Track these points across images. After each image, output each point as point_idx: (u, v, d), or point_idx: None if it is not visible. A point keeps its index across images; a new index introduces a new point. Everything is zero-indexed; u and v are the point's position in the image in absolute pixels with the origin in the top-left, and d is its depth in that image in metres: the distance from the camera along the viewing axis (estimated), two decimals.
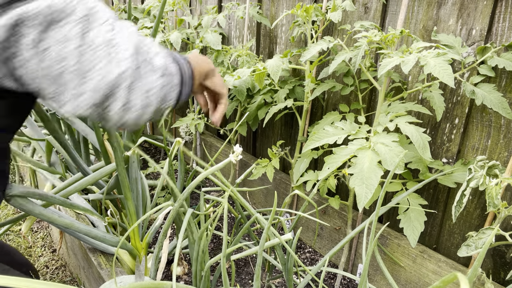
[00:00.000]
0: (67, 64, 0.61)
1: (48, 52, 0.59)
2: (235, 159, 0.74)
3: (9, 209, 1.99)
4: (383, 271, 0.86)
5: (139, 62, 0.67)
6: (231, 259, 0.90)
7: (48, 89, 0.62)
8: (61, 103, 0.63)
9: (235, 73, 1.28)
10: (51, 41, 0.59)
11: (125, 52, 0.64)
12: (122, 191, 1.09)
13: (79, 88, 0.62)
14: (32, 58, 0.59)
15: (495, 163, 0.88)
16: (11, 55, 0.59)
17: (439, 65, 0.82)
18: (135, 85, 0.67)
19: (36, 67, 0.60)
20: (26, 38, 0.58)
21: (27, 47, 0.58)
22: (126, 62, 0.64)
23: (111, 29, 0.64)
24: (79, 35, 0.60)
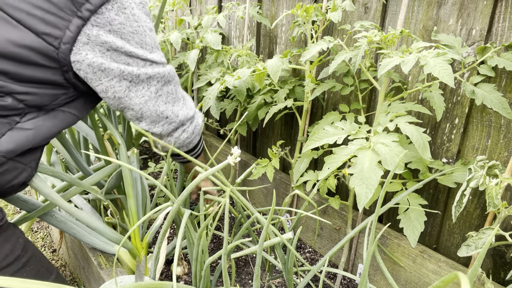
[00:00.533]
0: (168, 105, 1.04)
1: (160, 97, 1.01)
2: (234, 161, 0.74)
3: (9, 209, 1.99)
4: (383, 271, 0.86)
5: (196, 109, 1.16)
6: (231, 257, 0.89)
7: (150, 118, 1.02)
8: (154, 127, 1.04)
9: (235, 73, 1.28)
10: (164, 92, 1.01)
11: (191, 103, 1.13)
12: (125, 189, 1.10)
13: (173, 119, 1.06)
14: (153, 98, 1.00)
15: (495, 163, 0.88)
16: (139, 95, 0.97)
17: (439, 65, 0.82)
18: (193, 121, 1.13)
19: (153, 103, 1.00)
20: (153, 87, 0.99)
21: (152, 91, 0.99)
22: (193, 109, 1.12)
23: (181, 89, 1.10)
24: (174, 91, 1.05)
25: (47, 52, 0.81)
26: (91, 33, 0.83)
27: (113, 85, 0.92)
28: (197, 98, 1.86)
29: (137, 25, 0.90)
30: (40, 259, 0.97)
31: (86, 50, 0.84)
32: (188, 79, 1.81)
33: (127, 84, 0.93)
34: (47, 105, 0.89)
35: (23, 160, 0.89)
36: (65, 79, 0.87)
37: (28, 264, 0.91)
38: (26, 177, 0.90)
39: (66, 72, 0.86)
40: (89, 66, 0.86)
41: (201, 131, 1.20)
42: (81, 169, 1.26)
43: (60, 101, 0.91)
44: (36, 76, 0.83)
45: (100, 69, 0.88)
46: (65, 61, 0.84)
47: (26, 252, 0.92)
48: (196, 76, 1.78)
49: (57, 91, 0.88)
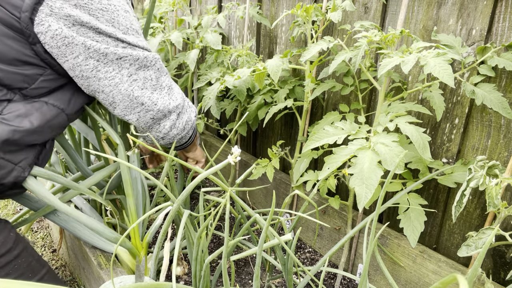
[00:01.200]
0: (145, 92, 1.00)
1: (135, 82, 0.97)
2: (234, 161, 0.74)
3: (8, 209, 2.00)
4: (383, 271, 0.86)
5: (185, 102, 1.12)
6: (231, 259, 0.89)
7: (123, 104, 0.99)
8: (128, 114, 1.01)
9: (235, 73, 1.28)
10: (139, 76, 0.98)
11: (178, 94, 1.08)
12: (124, 189, 1.10)
13: (149, 107, 1.01)
14: (125, 82, 0.96)
15: (495, 163, 0.88)
16: (108, 77, 0.94)
17: (439, 65, 0.82)
18: (181, 115, 1.10)
19: (125, 87, 0.97)
20: (125, 70, 0.95)
21: (124, 74, 0.95)
22: (178, 100, 1.08)
23: (169, 80, 1.07)
24: (155, 78, 1.01)
25: (11, 22, 0.82)
26: (54, 4, 0.83)
27: (79, 63, 0.89)
28: (197, 98, 1.86)
29: (107, 2, 0.89)
30: (32, 253, 0.98)
31: (50, 22, 0.84)
32: (188, 79, 1.81)
33: (94, 63, 0.91)
34: (25, 88, 0.88)
35: (12, 158, 0.88)
36: (36, 54, 0.86)
37: (20, 257, 0.93)
38: (15, 177, 0.89)
39: (33, 44, 0.85)
40: (52, 39, 0.85)
41: (194, 125, 1.18)
42: (80, 169, 1.26)
43: (39, 84, 0.90)
44: (6, 48, 0.83)
45: (64, 43, 0.86)
46: (29, 31, 0.84)
47: (17, 245, 0.93)
48: (196, 76, 1.78)
49: (32, 71, 0.88)
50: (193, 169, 0.88)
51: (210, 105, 1.42)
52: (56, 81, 0.93)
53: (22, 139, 0.88)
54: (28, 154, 0.92)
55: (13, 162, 0.88)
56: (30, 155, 0.92)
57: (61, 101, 0.95)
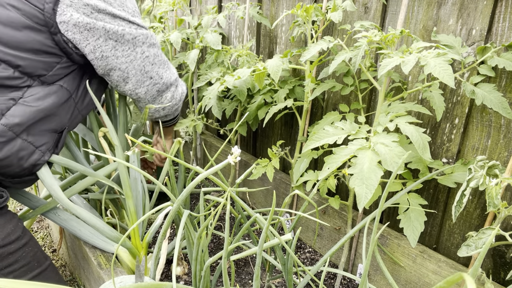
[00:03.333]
0: (154, 67, 1.13)
1: (147, 58, 1.11)
2: (234, 161, 0.74)
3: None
4: (383, 271, 0.86)
5: (177, 76, 1.24)
6: (231, 259, 0.89)
7: (135, 78, 1.11)
8: (139, 87, 1.14)
9: (235, 73, 1.28)
10: (150, 53, 1.11)
11: (173, 69, 1.23)
12: (123, 189, 1.09)
13: (157, 80, 1.15)
14: (139, 59, 1.09)
15: (495, 163, 0.88)
16: (124, 55, 1.05)
17: (439, 66, 0.82)
18: (178, 87, 1.25)
19: (139, 63, 1.09)
20: (139, 48, 1.07)
21: (138, 52, 1.08)
22: (175, 74, 1.23)
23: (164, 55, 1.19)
24: (160, 54, 1.15)
25: (34, 13, 0.90)
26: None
27: (100, 44, 1.00)
28: (197, 98, 1.86)
29: None
30: (37, 245, 1.03)
31: (71, 11, 0.93)
32: (188, 79, 1.81)
33: (113, 44, 1.02)
34: (44, 75, 0.96)
35: (34, 141, 0.97)
36: (55, 43, 0.95)
37: (27, 246, 0.98)
38: (36, 159, 0.97)
39: (54, 34, 0.94)
40: (75, 26, 0.95)
41: (183, 98, 1.33)
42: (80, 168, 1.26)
43: (56, 71, 0.98)
44: (28, 39, 0.91)
45: (86, 28, 0.96)
46: (52, 22, 0.92)
47: (25, 234, 0.99)
48: (196, 76, 1.78)
49: (50, 59, 0.96)
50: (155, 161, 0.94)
51: (211, 105, 1.42)
52: (69, 68, 1.02)
53: (43, 121, 0.97)
54: (49, 139, 1.01)
55: (34, 145, 0.97)
56: (50, 140, 1.01)
57: (71, 86, 1.04)
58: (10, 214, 0.97)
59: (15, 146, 0.92)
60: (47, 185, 0.99)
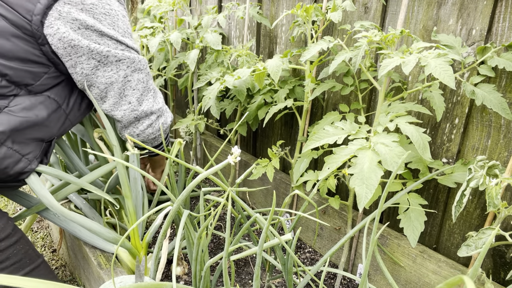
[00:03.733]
0: (135, 93, 1.09)
1: (129, 83, 1.07)
2: (234, 161, 0.74)
3: (8, 209, 1.99)
4: (383, 271, 0.86)
5: (164, 107, 1.21)
6: (231, 259, 0.89)
7: (113, 100, 1.07)
8: (115, 110, 1.09)
9: (235, 73, 1.28)
10: (133, 78, 1.07)
11: (160, 98, 1.19)
12: (122, 190, 1.09)
13: (135, 107, 1.11)
14: (120, 82, 1.05)
15: (495, 163, 0.88)
16: (106, 75, 1.02)
17: (440, 66, 0.82)
18: (160, 118, 1.20)
19: (119, 86, 1.06)
20: (122, 71, 1.04)
21: (121, 75, 1.04)
22: (160, 104, 1.18)
23: (154, 84, 1.16)
24: (145, 81, 1.11)
25: (22, 24, 0.89)
26: (62, 9, 0.91)
27: (82, 61, 0.98)
28: (197, 98, 1.86)
29: (109, 7, 0.99)
30: (28, 242, 1.03)
31: (58, 25, 0.92)
32: (188, 79, 1.81)
33: (95, 63, 0.99)
34: (32, 85, 0.95)
35: (20, 150, 0.95)
36: (43, 54, 0.94)
37: (18, 243, 0.98)
38: (22, 168, 0.96)
39: (42, 45, 0.93)
40: (60, 41, 0.93)
41: (168, 130, 1.28)
42: (77, 169, 1.27)
43: (44, 81, 0.97)
44: (17, 49, 0.90)
45: (70, 44, 0.94)
46: (39, 33, 0.91)
47: (16, 232, 0.99)
48: (196, 76, 1.78)
49: (38, 69, 0.95)
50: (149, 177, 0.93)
51: (210, 105, 1.42)
52: (58, 78, 1.01)
53: (29, 130, 0.95)
54: (35, 148, 0.99)
55: (20, 153, 0.95)
56: (37, 149, 0.99)
57: (59, 97, 1.02)
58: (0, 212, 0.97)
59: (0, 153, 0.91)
60: (38, 194, 0.99)
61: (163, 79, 1.94)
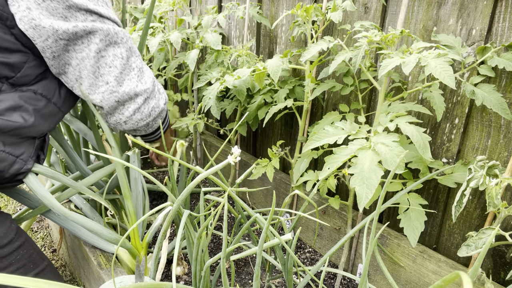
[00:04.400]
0: (113, 70, 0.94)
1: (103, 59, 0.92)
2: (234, 161, 0.74)
3: (9, 209, 1.99)
4: (383, 271, 0.86)
5: (154, 88, 1.04)
6: (231, 259, 0.89)
7: (88, 81, 0.93)
8: (93, 93, 0.95)
9: (235, 73, 1.28)
10: (108, 53, 0.92)
11: (148, 78, 1.02)
12: (122, 190, 1.09)
13: (114, 88, 0.95)
14: (92, 58, 0.90)
15: (495, 163, 0.88)
16: (77, 49, 0.89)
17: (440, 66, 0.82)
18: (149, 100, 1.03)
19: (91, 63, 0.91)
20: (94, 45, 0.89)
21: (92, 50, 0.89)
22: (147, 84, 1.01)
23: (141, 62, 1.01)
24: (125, 57, 0.95)
25: None
26: None
27: (49, 45, 0.86)
28: (197, 98, 1.86)
29: None
30: (32, 246, 1.00)
31: (19, 1, 0.81)
32: (188, 79, 1.81)
33: (65, 43, 0.87)
34: (12, 77, 0.86)
35: (13, 151, 0.90)
36: (16, 39, 0.84)
37: (22, 248, 0.95)
38: (17, 169, 0.91)
39: (12, 28, 0.83)
40: (21, 21, 0.82)
41: (163, 114, 1.11)
42: (79, 169, 1.26)
43: (25, 72, 0.88)
44: None
45: (31, 26, 0.82)
46: (6, 14, 0.81)
47: (19, 236, 0.95)
48: (196, 76, 1.78)
49: (16, 58, 0.86)
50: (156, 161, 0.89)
51: (210, 105, 1.42)
52: (40, 67, 0.91)
53: (18, 132, 0.88)
54: (29, 147, 0.93)
55: (14, 155, 0.90)
56: (30, 148, 0.94)
57: (48, 91, 0.94)
58: (2, 217, 0.93)
59: None
60: (38, 195, 0.96)
61: (163, 79, 1.94)
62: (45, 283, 0.49)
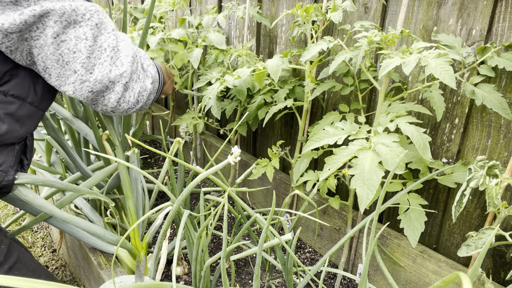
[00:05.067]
0: (78, 56, 0.78)
1: (64, 43, 0.77)
2: (234, 161, 0.74)
3: (9, 209, 1.99)
4: (383, 271, 0.86)
5: (136, 66, 0.87)
6: (231, 259, 0.90)
7: (55, 71, 0.79)
8: (63, 84, 0.81)
9: (235, 73, 1.28)
10: (69, 36, 0.76)
11: (125, 57, 0.84)
12: (123, 190, 1.09)
13: (84, 76, 0.80)
14: (50, 44, 0.76)
15: (495, 163, 0.88)
16: (34, 37, 0.75)
17: (440, 66, 0.82)
18: (131, 85, 0.87)
19: (52, 51, 0.77)
20: (50, 29, 0.74)
21: (48, 35, 0.75)
22: (125, 66, 0.84)
23: (115, 38, 0.82)
24: (91, 37, 0.78)
25: None
26: None
27: (1, 41, 0.73)
28: (197, 98, 1.86)
29: None
30: (26, 263, 0.91)
31: None
32: (188, 79, 1.81)
33: (17, 35, 0.74)
34: None
35: None
36: None
37: (12, 270, 0.86)
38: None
39: None
40: None
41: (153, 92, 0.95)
42: (79, 169, 1.26)
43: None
44: None
45: None
46: None
47: (9, 257, 0.86)
48: (196, 76, 1.78)
49: None
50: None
51: (211, 105, 1.42)
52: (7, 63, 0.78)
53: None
54: (7, 155, 0.82)
55: None
56: (9, 156, 0.83)
57: (22, 90, 0.81)
58: None
59: None
60: (35, 205, 0.92)
61: None
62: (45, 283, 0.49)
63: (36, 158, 1.73)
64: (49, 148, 1.56)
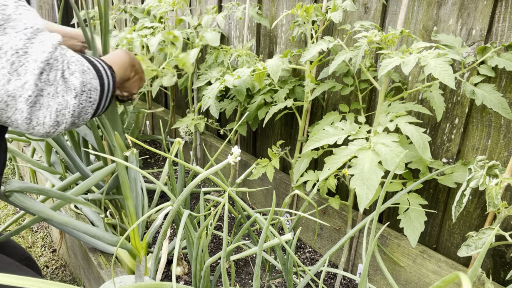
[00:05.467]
0: None
1: None
2: (234, 161, 0.74)
3: (9, 209, 1.99)
4: (383, 271, 0.86)
5: (50, 78, 0.63)
6: (231, 259, 0.90)
7: None
8: None
9: (235, 72, 1.28)
10: None
11: (33, 62, 0.60)
12: (122, 190, 1.09)
13: None
14: None
15: (495, 163, 0.88)
16: None
17: (440, 66, 0.82)
18: (42, 101, 0.62)
19: None
20: None
21: None
22: (31, 75, 0.60)
23: (25, 38, 0.60)
24: None
25: None
26: None
27: None
28: (197, 98, 1.86)
29: None
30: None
31: None
32: (188, 79, 1.81)
33: None
34: None
35: None
36: None
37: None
38: None
39: None
40: None
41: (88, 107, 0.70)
42: (78, 170, 1.26)
43: None
44: None
45: None
46: None
47: None
48: (196, 76, 1.78)
49: None
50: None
51: (210, 105, 1.42)
52: None
53: None
54: None
55: None
56: None
57: None
58: None
59: None
60: (33, 210, 0.92)
61: None
62: (45, 283, 0.49)
63: (36, 158, 1.73)
64: (49, 148, 1.56)
